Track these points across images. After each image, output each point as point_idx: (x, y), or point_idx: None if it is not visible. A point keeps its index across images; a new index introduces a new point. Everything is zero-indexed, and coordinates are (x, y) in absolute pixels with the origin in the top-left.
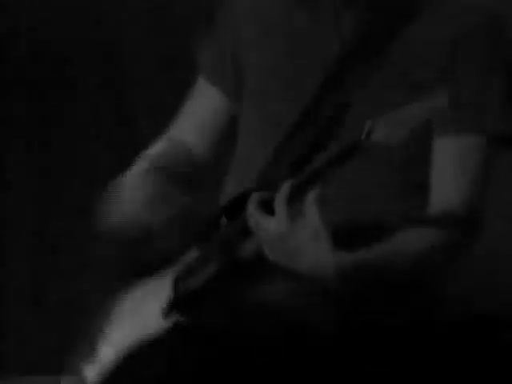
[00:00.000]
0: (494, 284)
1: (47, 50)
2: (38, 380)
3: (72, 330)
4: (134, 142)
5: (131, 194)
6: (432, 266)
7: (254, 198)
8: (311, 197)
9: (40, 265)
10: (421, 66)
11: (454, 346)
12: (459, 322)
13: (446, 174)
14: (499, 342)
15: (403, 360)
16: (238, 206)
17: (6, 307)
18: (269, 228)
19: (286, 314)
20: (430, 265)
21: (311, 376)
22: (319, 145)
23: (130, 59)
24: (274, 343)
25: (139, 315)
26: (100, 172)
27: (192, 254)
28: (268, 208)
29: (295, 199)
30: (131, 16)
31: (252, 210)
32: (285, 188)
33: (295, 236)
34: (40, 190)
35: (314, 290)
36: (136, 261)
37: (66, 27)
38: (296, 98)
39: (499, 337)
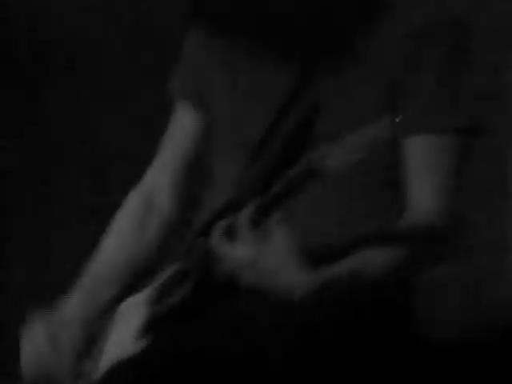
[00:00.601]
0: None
1: (47, 50)
2: None
3: None
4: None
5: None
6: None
7: (218, 226)
8: (275, 218)
9: (40, 265)
10: (390, 64)
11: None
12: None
13: (420, 178)
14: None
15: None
16: (214, 223)
17: (6, 307)
18: (236, 256)
19: (258, 332)
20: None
21: None
22: (291, 153)
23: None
24: (248, 361)
25: (117, 334)
26: (100, 172)
27: (170, 272)
28: (234, 233)
29: (259, 221)
30: (131, 16)
31: (216, 239)
32: (246, 212)
33: (264, 261)
34: (40, 190)
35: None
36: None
37: (66, 27)
38: (263, 108)
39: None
